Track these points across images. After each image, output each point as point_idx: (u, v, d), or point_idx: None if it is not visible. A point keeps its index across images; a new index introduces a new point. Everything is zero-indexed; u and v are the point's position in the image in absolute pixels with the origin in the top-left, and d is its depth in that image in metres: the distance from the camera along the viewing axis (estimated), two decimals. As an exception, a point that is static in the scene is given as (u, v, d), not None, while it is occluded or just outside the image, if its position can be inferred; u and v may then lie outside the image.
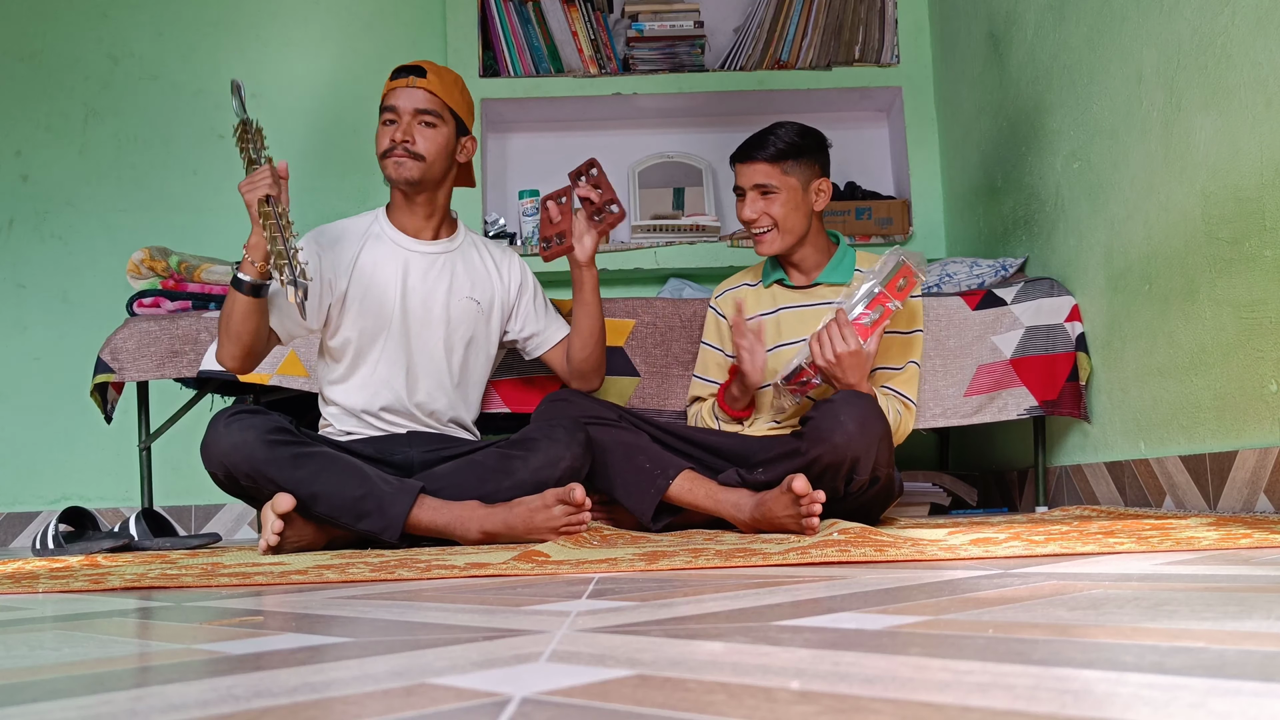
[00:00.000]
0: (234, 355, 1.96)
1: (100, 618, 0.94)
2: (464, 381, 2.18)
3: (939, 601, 0.82)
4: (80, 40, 3.46)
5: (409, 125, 2.07)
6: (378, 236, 2.15)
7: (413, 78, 2.08)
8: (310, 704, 0.49)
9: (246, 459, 1.84)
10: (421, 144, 2.07)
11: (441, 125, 2.10)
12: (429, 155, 2.08)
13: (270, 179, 1.83)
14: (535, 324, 2.24)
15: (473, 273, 2.19)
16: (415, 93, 2.08)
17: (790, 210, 2.13)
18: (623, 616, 0.79)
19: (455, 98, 2.12)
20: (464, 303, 2.15)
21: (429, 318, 2.12)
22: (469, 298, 2.16)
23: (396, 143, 2.06)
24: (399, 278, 2.11)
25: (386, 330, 2.10)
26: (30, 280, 3.38)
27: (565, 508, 1.84)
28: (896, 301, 1.98)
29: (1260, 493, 1.71)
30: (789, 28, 3.42)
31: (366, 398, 2.10)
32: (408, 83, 2.08)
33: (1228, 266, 1.79)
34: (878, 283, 1.98)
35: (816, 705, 0.45)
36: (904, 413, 2.10)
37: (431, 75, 2.09)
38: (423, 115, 2.08)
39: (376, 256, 2.12)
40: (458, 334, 2.15)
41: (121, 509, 3.23)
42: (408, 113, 2.07)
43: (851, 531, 1.59)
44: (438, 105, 2.09)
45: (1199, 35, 1.84)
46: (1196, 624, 0.63)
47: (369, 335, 2.09)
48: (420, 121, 2.08)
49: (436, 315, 2.13)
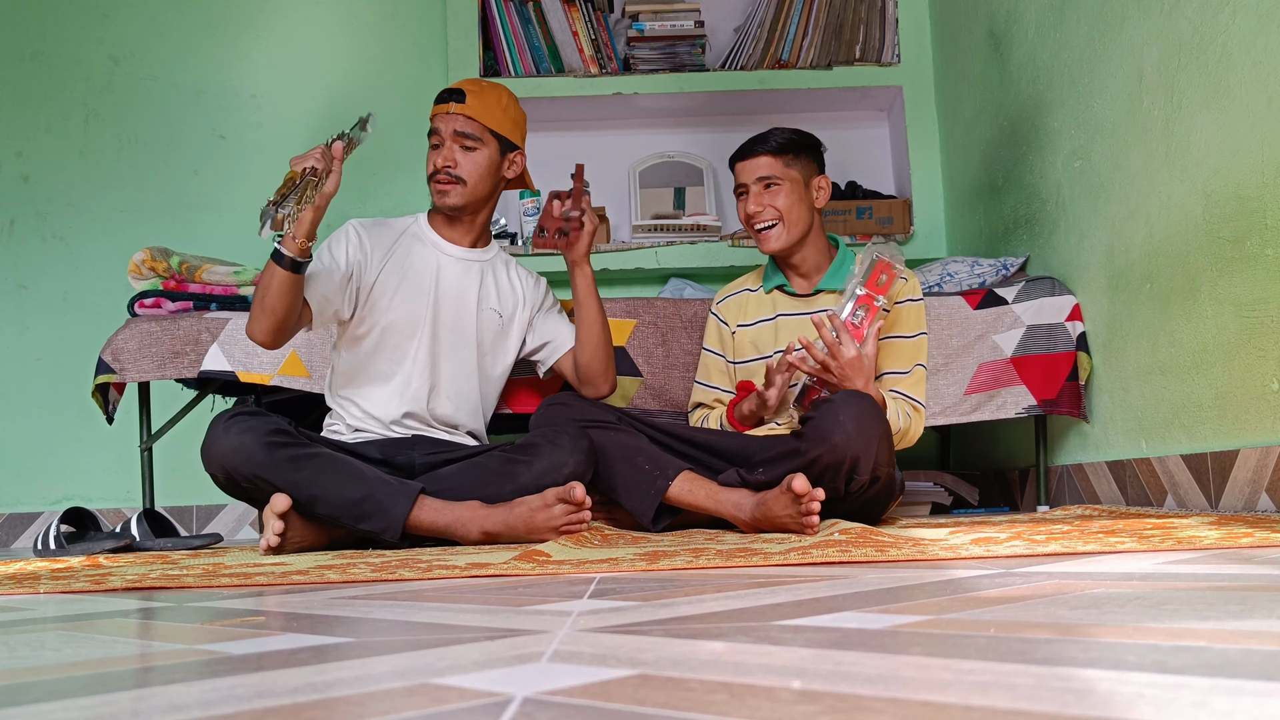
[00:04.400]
0: (265, 329, 1.96)
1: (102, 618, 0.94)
2: (482, 388, 2.20)
3: (940, 601, 0.81)
4: (81, 41, 3.46)
5: (450, 149, 2.10)
6: (416, 236, 2.18)
7: (452, 103, 2.11)
8: (312, 704, 0.49)
9: (246, 461, 1.84)
10: (464, 167, 2.10)
11: (482, 147, 2.11)
12: (470, 179, 2.11)
13: (318, 155, 1.85)
14: (550, 332, 2.26)
15: (499, 286, 2.22)
16: (454, 118, 2.10)
17: (795, 202, 2.14)
18: (624, 616, 0.79)
19: (496, 117, 2.13)
20: (488, 313, 2.18)
21: (460, 322, 2.15)
22: (493, 309, 2.19)
23: (439, 167, 2.10)
24: (433, 277, 2.14)
25: (419, 329, 2.11)
26: (31, 281, 3.39)
27: (566, 507, 1.84)
28: (881, 298, 1.98)
29: (1262, 492, 1.71)
30: (789, 27, 3.42)
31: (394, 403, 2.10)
32: (447, 108, 2.10)
33: (1229, 265, 1.79)
34: (859, 283, 1.99)
35: (818, 705, 0.45)
36: (913, 415, 2.10)
37: (471, 98, 2.11)
38: (462, 139, 2.10)
39: (413, 253, 2.15)
40: (485, 341, 2.17)
41: (123, 509, 3.24)
42: (449, 136, 2.10)
43: (852, 531, 1.59)
44: (476, 129, 2.10)
45: (1200, 34, 1.84)
46: (1198, 623, 0.63)
47: (402, 331, 2.11)
48: (460, 145, 2.10)
49: (467, 319, 2.15)
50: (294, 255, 1.88)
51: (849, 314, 1.98)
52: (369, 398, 2.11)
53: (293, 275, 1.90)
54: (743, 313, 2.28)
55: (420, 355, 2.11)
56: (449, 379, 2.14)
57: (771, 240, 2.16)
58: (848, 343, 1.94)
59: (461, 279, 2.16)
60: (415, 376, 2.11)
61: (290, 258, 1.88)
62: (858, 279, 1.99)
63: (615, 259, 3.26)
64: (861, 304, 1.98)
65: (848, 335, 1.95)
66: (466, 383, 2.16)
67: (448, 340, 2.14)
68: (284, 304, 1.92)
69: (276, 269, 1.89)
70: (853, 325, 1.97)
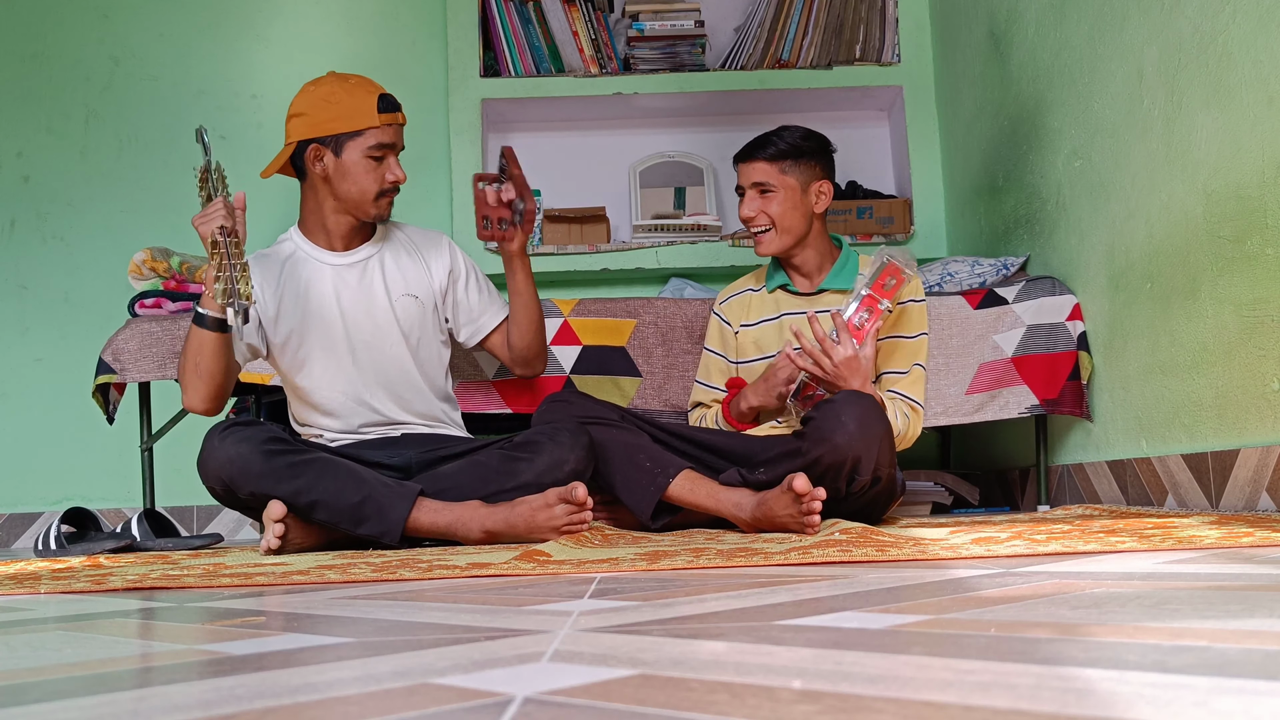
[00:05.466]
0: (205, 396, 1.96)
1: (103, 618, 0.95)
2: (428, 375, 2.14)
3: (941, 601, 0.81)
4: (81, 41, 3.46)
5: (397, 162, 2.06)
6: (299, 258, 2.10)
7: (400, 113, 2.06)
8: (313, 704, 0.49)
9: (243, 471, 1.84)
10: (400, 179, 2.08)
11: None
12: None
13: (224, 211, 1.83)
14: (469, 310, 2.19)
15: (404, 270, 2.14)
16: (400, 129, 2.07)
17: (788, 210, 2.13)
18: (625, 616, 0.79)
19: None
20: (403, 300, 2.11)
21: (376, 325, 2.09)
22: (406, 294, 2.12)
23: (397, 182, 2.05)
24: (332, 293, 2.08)
25: (336, 350, 2.07)
26: (32, 281, 3.39)
27: (567, 507, 1.83)
28: (886, 301, 1.98)
29: (1262, 491, 1.71)
30: (790, 27, 3.41)
31: (348, 422, 2.09)
32: (396, 119, 2.05)
33: (1229, 265, 1.79)
34: (866, 284, 1.99)
35: (819, 705, 0.45)
36: (911, 415, 2.10)
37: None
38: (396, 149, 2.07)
39: (304, 277, 2.08)
40: (412, 334, 2.11)
41: (123, 510, 3.24)
42: (399, 150, 2.06)
43: (853, 531, 1.59)
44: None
45: (1200, 33, 1.84)
46: (1199, 623, 0.63)
47: (322, 360, 2.06)
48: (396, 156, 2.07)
49: (383, 320, 2.09)
50: (217, 314, 1.87)
51: (852, 314, 1.97)
52: (324, 424, 2.10)
53: (221, 335, 1.90)
54: (746, 312, 2.28)
55: (347, 374, 2.07)
56: (387, 383, 2.10)
57: (763, 246, 2.17)
58: (846, 342, 1.94)
59: (361, 281, 2.10)
60: (350, 397, 2.08)
61: (214, 317, 1.88)
62: (865, 280, 1.99)
63: (615, 259, 3.26)
64: (866, 305, 1.98)
65: (847, 335, 1.94)
66: (405, 377, 2.11)
67: (371, 348, 2.08)
68: (220, 365, 1.93)
69: (205, 334, 1.89)
70: (854, 326, 1.97)
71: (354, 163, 2.01)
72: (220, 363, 1.92)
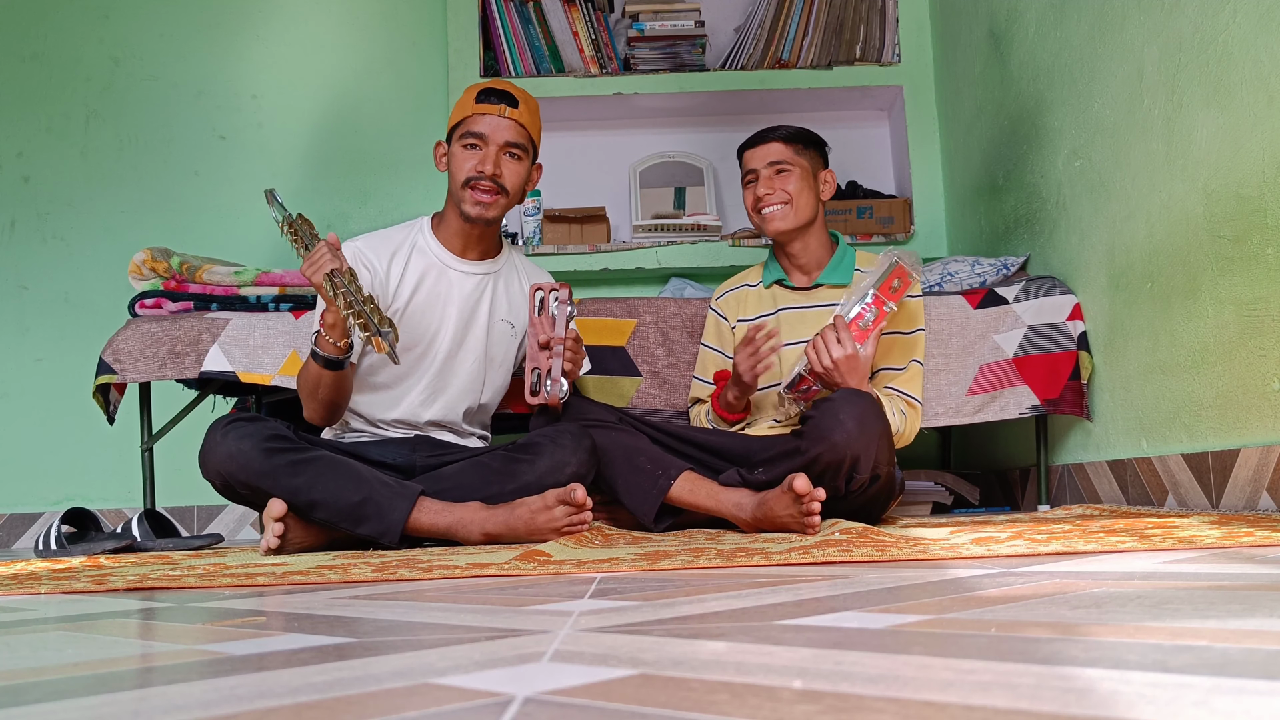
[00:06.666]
0: (322, 416, 1.99)
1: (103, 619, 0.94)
2: (487, 398, 2.18)
3: (941, 601, 0.81)
4: (82, 41, 3.46)
5: (497, 157, 2.00)
6: (423, 252, 2.10)
7: (505, 106, 2.00)
8: (313, 704, 0.49)
9: (243, 468, 1.84)
10: (508, 177, 2.02)
11: (525, 158, 2.05)
12: (513, 190, 2.04)
13: (328, 255, 1.81)
14: None
15: (510, 295, 2.17)
16: (507, 123, 2.00)
17: (803, 188, 2.17)
18: (625, 616, 0.79)
19: (537, 126, 2.08)
20: (499, 325, 2.14)
21: (470, 339, 2.11)
22: (504, 320, 2.15)
23: (485, 174, 1.99)
24: (444, 297, 2.08)
25: (431, 351, 2.08)
26: (32, 281, 3.39)
27: (567, 508, 1.83)
28: (892, 303, 1.98)
29: (1263, 491, 1.71)
30: (790, 27, 3.41)
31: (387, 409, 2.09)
32: (499, 110, 2.00)
33: (1230, 264, 1.79)
34: (872, 284, 1.99)
35: (819, 704, 0.45)
36: (909, 412, 2.11)
37: (522, 105, 2.02)
38: (511, 147, 2.01)
39: (423, 274, 2.08)
40: (494, 356, 2.14)
41: (124, 510, 3.24)
42: (496, 144, 2.00)
43: (853, 531, 1.59)
44: (525, 138, 2.03)
45: (1200, 33, 1.84)
46: (1199, 622, 0.63)
47: (412, 353, 2.06)
48: (507, 153, 2.02)
49: (477, 335, 2.11)
50: (334, 356, 1.88)
51: (857, 313, 1.98)
52: (359, 401, 2.10)
53: (339, 372, 1.91)
54: (742, 307, 2.28)
55: (428, 374, 2.09)
56: (455, 392, 2.11)
57: (778, 219, 2.16)
58: (847, 341, 1.94)
59: (472, 294, 2.11)
60: (417, 392, 2.09)
61: (332, 359, 1.88)
62: (873, 281, 1.99)
63: (615, 259, 3.26)
64: (871, 305, 1.98)
65: (848, 334, 1.95)
66: (470, 395, 2.13)
67: (457, 357, 2.10)
68: (339, 395, 1.96)
69: (323, 371, 1.89)
70: (858, 326, 1.97)
71: (454, 152, 2.04)
72: (337, 393, 1.95)
